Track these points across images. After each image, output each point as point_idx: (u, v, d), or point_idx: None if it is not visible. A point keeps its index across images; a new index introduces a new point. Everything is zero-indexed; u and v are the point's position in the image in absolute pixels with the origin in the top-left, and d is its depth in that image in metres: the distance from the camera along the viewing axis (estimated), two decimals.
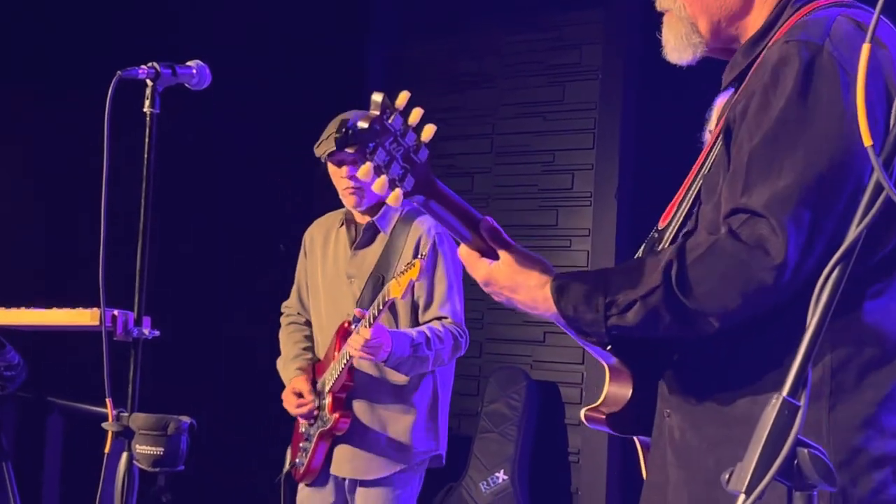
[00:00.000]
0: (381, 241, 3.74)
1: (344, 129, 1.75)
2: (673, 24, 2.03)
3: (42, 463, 5.11)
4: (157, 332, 2.64)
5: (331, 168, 3.76)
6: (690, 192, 2.02)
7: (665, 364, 1.95)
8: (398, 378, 3.64)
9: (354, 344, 3.45)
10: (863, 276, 1.79)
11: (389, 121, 1.76)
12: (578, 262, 5.81)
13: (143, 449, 2.53)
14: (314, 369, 3.85)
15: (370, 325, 3.43)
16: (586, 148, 5.86)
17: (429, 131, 1.81)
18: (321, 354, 3.84)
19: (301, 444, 3.78)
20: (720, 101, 3.22)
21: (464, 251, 1.98)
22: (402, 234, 3.69)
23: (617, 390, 2.01)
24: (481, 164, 6.22)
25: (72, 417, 4.94)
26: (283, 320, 4.05)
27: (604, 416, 2.01)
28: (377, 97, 1.76)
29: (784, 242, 1.70)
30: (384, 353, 3.45)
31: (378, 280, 3.67)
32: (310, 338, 3.94)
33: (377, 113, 1.75)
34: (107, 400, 2.55)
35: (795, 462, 1.37)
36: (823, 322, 1.40)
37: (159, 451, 2.52)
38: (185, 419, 2.58)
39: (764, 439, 1.36)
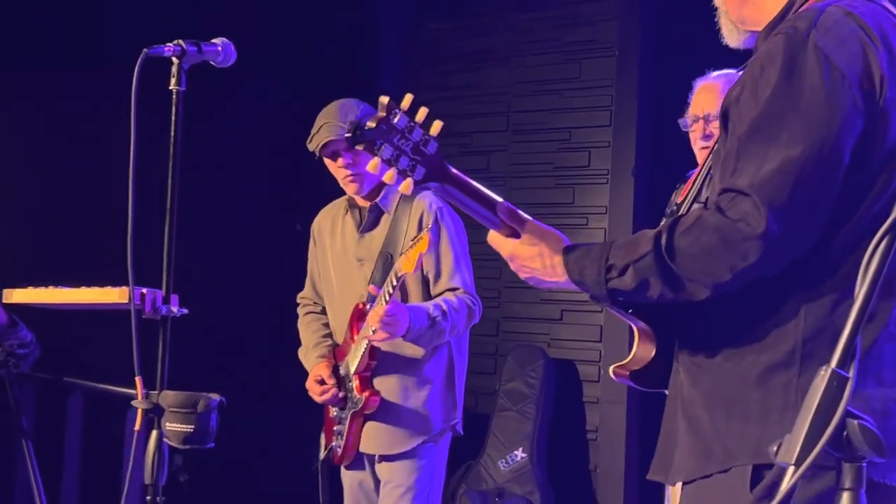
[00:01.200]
0: (385, 221, 3.79)
1: (355, 129, 1.94)
2: (720, 12, 2.22)
3: (63, 443, 5.14)
4: (185, 310, 2.65)
5: (327, 161, 3.80)
6: (705, 169, 2.28)
7: (679, 328, 2.12)
8: (414, 351, 3.69)
9: (372, 322, 3.48)
10: None
11: (395, 120, 1.97)
12: (595, 241, 5.79)
13: (172, 426, 2.54)
14: (335, 354, 3.89)
15: (386, 302, 3.47)
16: (603, 125, 5.84)
17: (437, 126, 2.02)
18: (339, 339, 3.88)
19: (335, 428, 3.83)
20: None
21: (492, 236, 2.17)
22: (405, 212, 3.74)
23: (643, 351, 2.19)
24: (497, 143, 6.21)
25: (92, 398, 4.96)
26: (300, 311, 4.10)
27: (628, 373, 2.20)
28: (383, 100, 1.98)
29: (764, 217, 1.85)
30: (402, 328, 3.49)
31: (387, 259, 3.70)
32: (328, 325, 3.99)
33: (383, 114, 1.97)
34: (136, 378, 2.56)
35: (845, 433, 1.37)
36: (872, 292, 1.41)
37: (189, 428, 2.53)
38: (215, 396, 2.59)
39: (813, 411, 1.36)
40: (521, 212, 2.15)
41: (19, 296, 3.00)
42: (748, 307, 1.98)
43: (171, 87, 2.62)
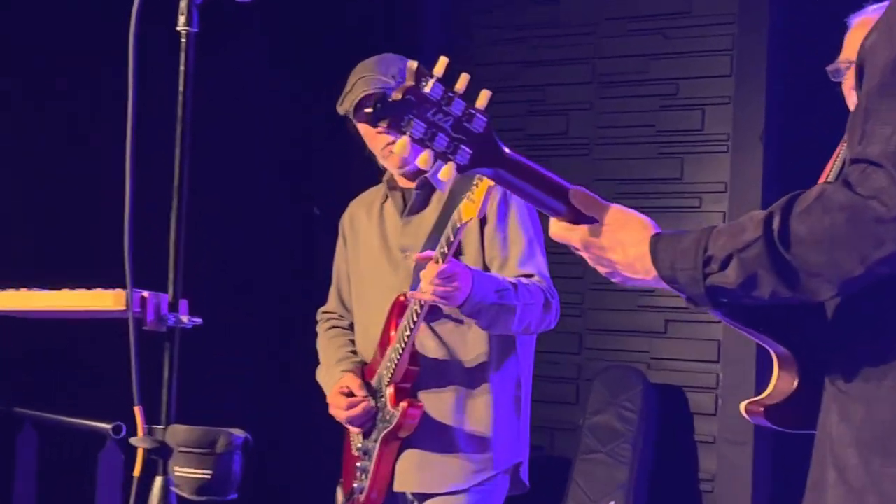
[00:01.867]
0: (437, 201, 3.78)
1: (375, 103, 1.99)
2: None
3: (10, 494, 5.18)
4: (198, 320, 2.66)
5: (363, 129, 3.81)
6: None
7: (832, 353, 2.12)
8: (472, 355, 3.68)
9: (424, 282, 3.48)
10: None
11: (426, 89, 2.00)
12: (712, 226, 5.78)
13: (184, 472, 2.54)
14: (363, 372, 3.89)
15: (442, 256, 3.47)
16: (722, 75, 5.81)
17: (483, 98, 2.05)
18: (368, 356, 3.89)
19: (358, 465, 3.80)
20: None
21: (556, 227, 2.22)
22: (464, 189, 3.73)
23: (783, 382, 2.23)
24: (579, 98, 6.18)
25: (50, 434, 5.00)
26: (320, 328, 4.11)
27: (762, 410, 2.24)
28: (411, 65, 2.02)
29: None
30: (462, 292, 3.48)
31: (438, 244, 3.71)
32: (355, 343, 4.00)
33: (411, 83, 2.01)
34: (135, 408, 2.56)
35: None
36: None
37: (206, 474, 2.53)
38: (238, 433, 2.59)
39: None
40: (599, 198, 2.18)
41: None
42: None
43: (178, 29, 2.64)
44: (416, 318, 3.60)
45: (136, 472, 2.57)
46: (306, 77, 6.30)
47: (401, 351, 3.66)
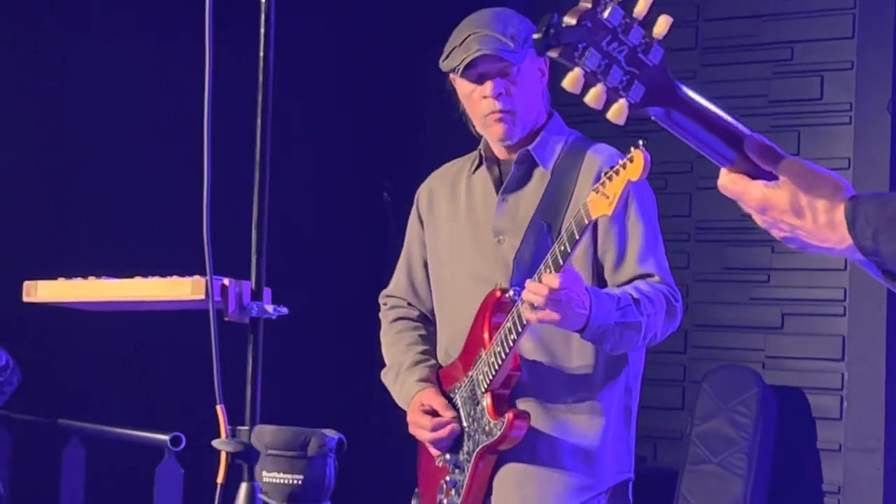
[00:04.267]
0: (540, 179, 3.73)
1: (545, 28, 1.88)
2: None
3: None
4: (284, 310, 2.68)
5: (463, 87, 3.76)
6: None
7: None
8: (581, 361, 3.66)
9: (532, 297, 3.43)
10: None
11: (605, 14, 1.92)
12: None
13: (272, 476, 2.57)
14: (438, 378, 3.87)
15: (553, 270, 3.42)
16: (842, 37, 5.81)
17: (663, 24, 1.99)
18: (449, 355, 3.87)
19: (448, 479, 3.80)
20: None
21: (726, 178, 2.14)
22: (572, 169, 3.68)
23: None
24: (682, 66, 6.16)
25: (100, 447, 5.05)
26: (384, 315, 4.06)
27: None
28: None
29: None
30: (581, 315, 3.44)
31: (542, 230, 3.67)
32: (427, 338, 3.96)
33: (588, 5, 1.91)
34: (217, 407, 2.59)
35: None
36: None
37: (297, 479, 2.56)
38: (332, 433, 2.62)
39: None
40: (778, 148, 2.11)
41: (46, 291, 3.03)
42: None
43: None
44: (524, 323, 3.56)
45: (220, 478, 2.60)
46: (374, 56, 6.33)
47: (503, 356, 3.62)
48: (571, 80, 1.93)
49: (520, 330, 3.54)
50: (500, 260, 3.74)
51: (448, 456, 3.80)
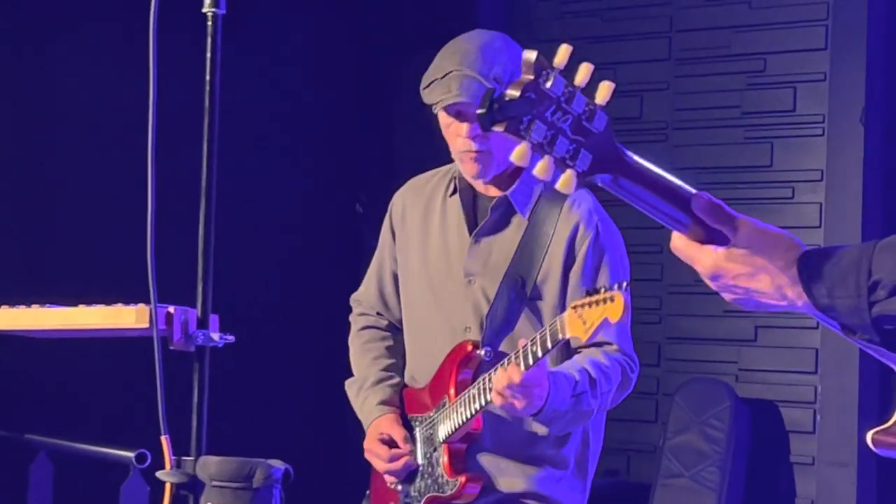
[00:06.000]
0: (517, 227, 3.72)
1: (489, 103, 1.89)
2: None
3: None
4: (230, 338, 2.67)
5: (444, 120, 3.75)
6: None
7: None
8: (538, 426, 3.67)
9: (498, 386, 3.46)
10: None
11: (548, 85, 1.92)
12: (805, 221, 5.74)
13: None
14: (401, 398, 3.87)
15: (526, 365, 3.43)
16: (815, 49, 5.80)
17: (605, 90, 1.97)
18: (415, 379, 3.87)
19: None
20: None
21: (679, 241, 2.13)
22: (549, 219, 3.68)
23: None
24: (654, 77, 6.18)
25: (67, 463, 5.04)
26: (354, 320, 4.06)
27: None
28: (529, 55, 1.92)
29: None
30: (535, 405, 3.47)
31: (516, 285, 3.67)
32: (395, 350, 3.96)
33: (531, 77, 1.91)
34: (162, 438, 2.58)
35: None
36: None
37: None
38: (277, 464, 2.60)
39: None
40: (727, 207, 2.09)
41: None
42: None
43: (204, 10, 2.67)
44: (488, 397, 3.58)
45: None
46: (344, 61, 6.32)
47: (466, 418, 3.65)
48: (520, 155, 1.94)
49: (484, 403, 3.57)
50: (470, 300, 3.75)
51: (400, 487, 3.82)
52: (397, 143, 6.69)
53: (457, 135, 3.70)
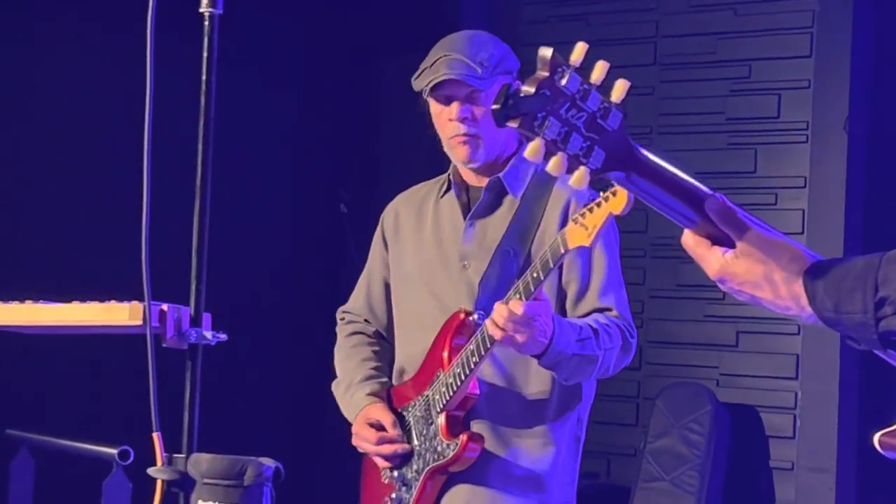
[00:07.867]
0: (509, 207, 3.75)
1: (504, 98, 1.88)
2: None
3: None
4: (222, 336, 2.67)
5: (433, 107, 3.79)
6: None
7: None
8: (534, 387, 3.68)
9: (498, 319, 3.44)
10: None
11: (563, 82, 1.91)
12: (788, 227, 5.75)
13: None
14: (389, 396, 3.88)
15: (524, 296, 3.43)
16: (800, 56, 5.80)
17: (620, 88, 1.98)
18: (403, 374, 3.87)
19: (392, 496, 3.81)
20: None
21: (689, 239, 2.15)
22: (541, 199, 3.71)
23: None
24: (640, 81, 6.15)
25: (49, 459, 5.03)
26: (341, 329, 4.08)
27: None
28: (545, 52, 1.92)
29: None
30: (540, 342, 3.47)
31: (508, 256, 3.68)
32: (382, 355, 3.97)
33: (546, 74, 1.91)
34: (153, 434, 2.58)
35: None
36: None
37: None
38: (269, 462, 2.60)
39: None
40: (740, 211, 2.10)
41: None
42: None
43: (201, 10, 2.67)
44: (488, 346, 3.57)
45: None
46: (330, 65, 6.33)
47: (463, 377, 3.64)
48: (533, 151, 1.93)
49: (482, 353, 3.56)
50: (466, 285, 3.76)
51: (395, 473, 3.81)
52: (382, 144, 6.70)
53: (448, 119, 3.74)
